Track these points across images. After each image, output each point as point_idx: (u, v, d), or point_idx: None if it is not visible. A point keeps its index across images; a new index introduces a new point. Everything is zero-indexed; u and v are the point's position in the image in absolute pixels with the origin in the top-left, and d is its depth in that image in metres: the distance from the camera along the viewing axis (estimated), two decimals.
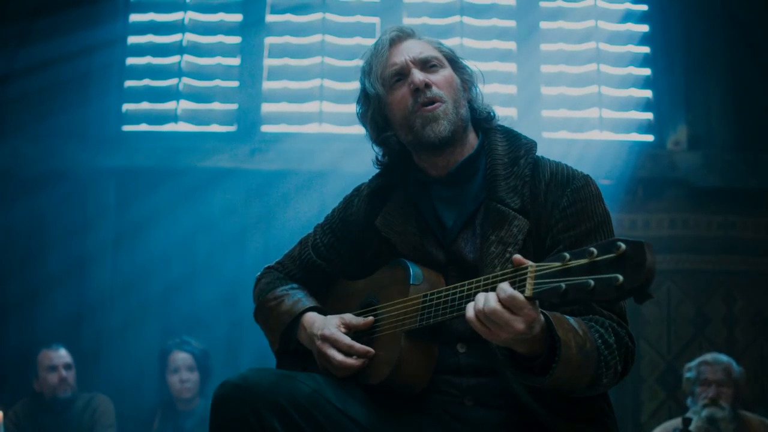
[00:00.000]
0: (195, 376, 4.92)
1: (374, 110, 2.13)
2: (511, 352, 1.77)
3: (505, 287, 1.68)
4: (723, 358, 4.39)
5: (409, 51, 2.10)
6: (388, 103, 2.10)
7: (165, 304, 5.36)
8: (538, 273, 1.64)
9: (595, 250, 1.55)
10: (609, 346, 1.82)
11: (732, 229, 5.39)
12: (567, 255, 1.59)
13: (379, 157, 2.20)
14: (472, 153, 2.08)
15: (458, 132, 2.05)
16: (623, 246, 1.51)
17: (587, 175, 2.04)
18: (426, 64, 2.08)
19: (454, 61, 2.14)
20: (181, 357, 4.93)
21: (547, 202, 1.99)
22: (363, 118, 2.18)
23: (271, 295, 2.24)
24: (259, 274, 2.38)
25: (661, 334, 5.29)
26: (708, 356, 4.40)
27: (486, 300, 1.69)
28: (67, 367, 4.90)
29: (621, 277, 1.49)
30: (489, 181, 2.04)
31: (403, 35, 2.13)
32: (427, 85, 2.04)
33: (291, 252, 2.36)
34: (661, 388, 5.27)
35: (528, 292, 1.64)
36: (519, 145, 2.08)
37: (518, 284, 1.68)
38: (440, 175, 2.09)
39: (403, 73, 2.08)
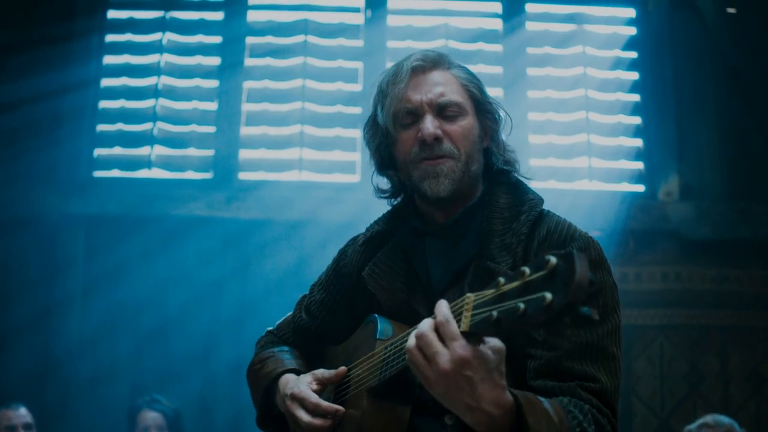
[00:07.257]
0: None
1: (380, 142, 1.98)
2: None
3: (444, 310, 1.48)
4: (724, 420, 4.27)
5: (429, 89, 1.91)
6: (395, 142, 1.94)
7: (135, 358, 5.22)
8: (476, 303, 1.45)
9: (527, 270, 1.35)
10: None
11: (726, 282, 5.35)
12: (502, 279, 1.40)
13: (381, 187, 2.06)
14: (471, 204, 1.93)
15: (462, 189, 1.90)
16: (553, 260, 1.30)
17: (590, 238, 1.86)
18: (444, 110, 1.90)
19: (480, 104, 1.96)
20: (151, 416, 4.76)
21: None
22: (369, 145, 2.03)
23: (257, 358, 2.13)
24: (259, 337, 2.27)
25: (654, 391, 5.22)
26: (709, 418, 4.29)
27: (422, 324, 1.50)
28: (26, 427, 4.70)
29: (549, 295, 1.28)
30: (483, 236, 1.87)
31: (428, 64, 1.94)
32: (437, 139, 1.87)
33: (288, 315, 2.25)
34: None
35: (464, 326, 1.45)
36: (524, 200, 1.92)
37: (457, 319, 1.48)
38: (439, 224, 1.94)
39: (416, 114, 1.91)
